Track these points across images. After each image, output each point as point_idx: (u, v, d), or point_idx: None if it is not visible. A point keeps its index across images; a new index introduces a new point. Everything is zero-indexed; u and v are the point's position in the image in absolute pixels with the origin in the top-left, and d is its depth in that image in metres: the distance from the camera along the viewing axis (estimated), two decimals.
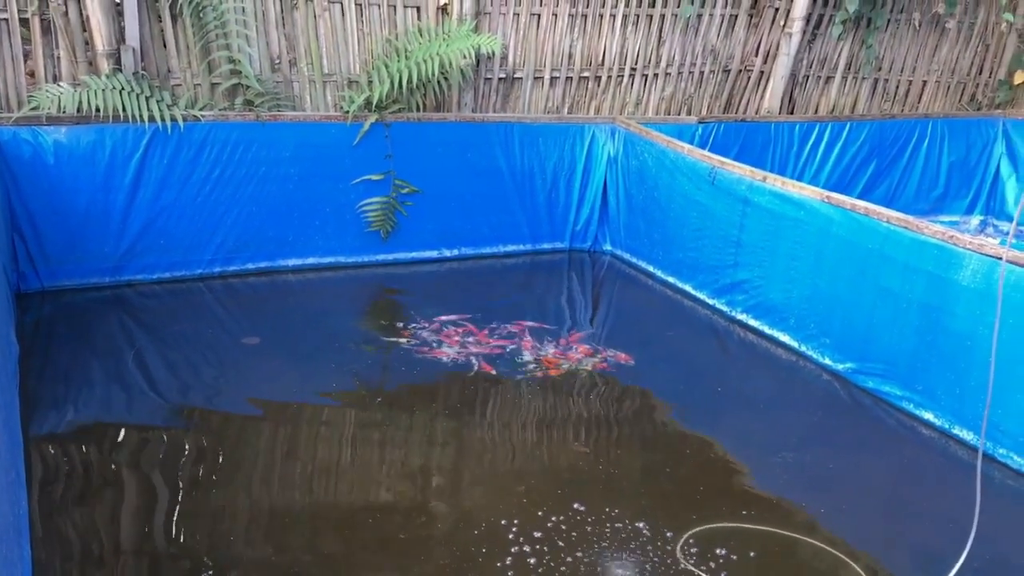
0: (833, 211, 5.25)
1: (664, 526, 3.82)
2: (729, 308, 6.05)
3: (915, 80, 8.53)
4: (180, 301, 5.90)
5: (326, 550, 3.60)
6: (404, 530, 3.73)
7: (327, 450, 4.34)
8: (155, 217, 5.91)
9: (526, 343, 5.50)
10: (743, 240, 5.87)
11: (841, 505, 4.09)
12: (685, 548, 3.69)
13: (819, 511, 4.01)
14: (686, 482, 4.21)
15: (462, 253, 6.91)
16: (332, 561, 3.54)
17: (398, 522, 3.79)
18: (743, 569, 3.59)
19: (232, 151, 6.02)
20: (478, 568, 3.51)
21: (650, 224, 6.72)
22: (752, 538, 3.78)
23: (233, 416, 4.59)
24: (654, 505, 4.00)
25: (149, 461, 4.13)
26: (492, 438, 4.54)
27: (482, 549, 3.62)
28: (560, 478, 4.16)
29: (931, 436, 4.73)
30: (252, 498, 3.91)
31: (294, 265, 6.43)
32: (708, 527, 3.84)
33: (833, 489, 4.21)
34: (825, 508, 4.04)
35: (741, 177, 5.85)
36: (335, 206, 6.43)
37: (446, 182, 6.69)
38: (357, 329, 5.69)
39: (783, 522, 3.91)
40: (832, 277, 5.30)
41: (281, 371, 5.01)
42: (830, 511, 4.03)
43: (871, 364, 5.10)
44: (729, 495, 4.13)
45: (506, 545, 3.63)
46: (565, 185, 7.09)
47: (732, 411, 4.95)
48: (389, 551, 3.60)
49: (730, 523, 3.88)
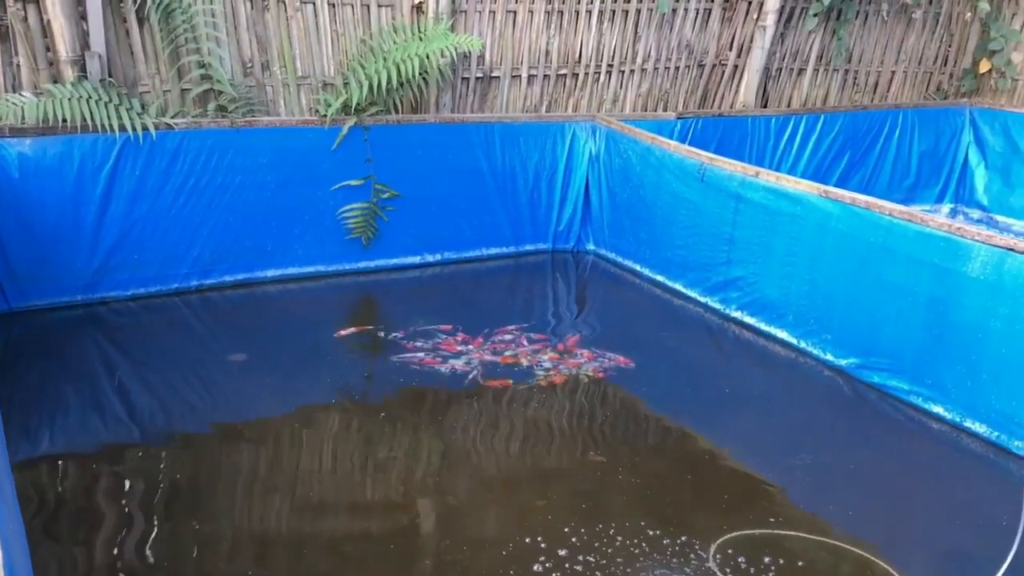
0: (832, 205, 5.19)
1: (694, 536, 3.71)
2: (723, 306, 5.97)
3: (884, 71, 8.57)
4: (157, 318, 5.64)
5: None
6: (428, 555, 3.56)
7: (330, 471, 4.15)
8: (128, 231, 5.65)
9: (523, 350, 5.35)
10: (736, 237, 5.79)
11: (869, 506, 4.01)
12: (719, 558, 3.58)
13: (847, 514, 3.94)
14: (709, 489, 4.11)
15: (445, 258, 6.74)
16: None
17: (419, 546, 3.62)
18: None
19: (207, 159, 5.77)
20: None
21: (636, 222, 6.61)
22: (787, 545, 3.69)
23: (218, 438, 4.37)
24: (680, 514, 3.88)
25: (128, 489, 3.91)
26: (502, 451, 4.39)
27: (510, 572, 3.46)
28: (581, 490, 4.03)
29: (942, 430, 4.69)
30: (243, 525, 3.72)
31: (273, 276, 6.20)
32: (739, 535, 3.74)
33: (857, 490, 4.14)
34: (853, 511, 3.96)
35: (732, 173, 5.77)
36: (314, 213, 6.21)
37: (427, 185, 6.51)
38: (346, 340, 5.49)
39: (814, 527, 3.82)
40: (832, 272, 5.24)
41: (268, 389, 4.79)
42: (860, 513, 3.95)
43: (875, 359, 5.05)
44: (755, 501, 4.03)
45: (536, 566, 3.48)
46: (547, 185, 6.96)
47: (741, 412, 4.85)
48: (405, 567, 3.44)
49: (761, 530, 3.79)
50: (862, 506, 4.01)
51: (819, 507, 3.98)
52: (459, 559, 3.53)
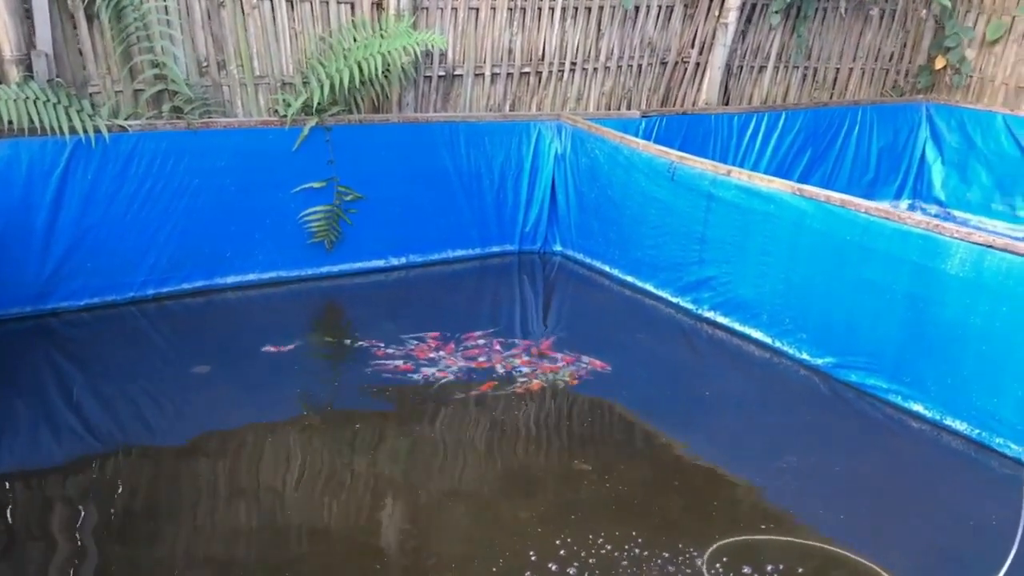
0: (806, 204, 5.14)
1: (687, 545, 3.61)
2: (695, 306, 5.90)
3: (842, 68, 8.59)
4: (112, 328, 5.40)
5: None
6: (415, 574, 3.42)
7: (302, 485, 3.98)
8: (81, 237, 5.40)
9: (496, 355, 5.22)
10: (708, 236, 5.73)
11: (859, 509, 3.95)
12: (713, 567, 3.49)
13: (838, 517, 3.88)
14: (697, 495, 4.02)
15: (410, 261, 6.58)
16: None
17: (403, 564, 3.47)
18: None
19: (162, 163, 5.54)
20: None
21: (604, 223, 6.52)
22: (781, 551, 3.61)
23: (177, 454, 4.16)
24: (671, 522, 3.79)
25: (82, 509, 3.73)
26: (484, 461, 4.26)
27: None
28: (568, 500, 3.91)
29: (922, 429, 4.66)
30: (202, 546, 3.55)
31: (234, 282, 5.98)
32: (732, 541, 3.65)
33: (845, 492, 4.08)
34: (844, 514, 3.90)
35: (703, 172, 5.70)
36: (275, 217, 6.01)
37: (391, 186, 6.35)
38: (312, 349, 5.31)
39: (806, 532, 3.75)
40: (808, 271, 5.19)
41: (230, 402, 4.60)
42: (850, 516, 3.89)
43: (853, 358, 5.01)
44: (744, 506, 3.96)
45: None
46: (513, 185, 6.83)
47: (722, 415, 4.78)
48: None
49: (753, 536, 3.71)
50: (851, 509, 3.95)
51: (809, 511, 3.92)
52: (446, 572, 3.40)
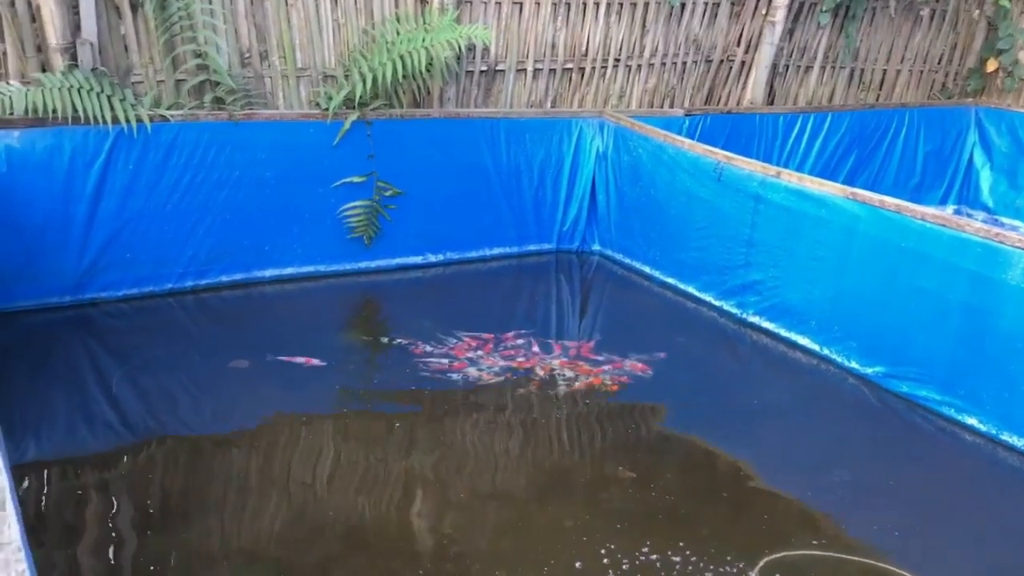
0: (859, 208, 5.01)
1: (736, 559, 3.51)
2: (740, 310, 5.78)
3: (890, 69, 8.41)
4: (150, 320, 5.37)
5: None
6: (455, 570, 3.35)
7: (339, 484, 3.90)
8: (121, 228, 5.36)
9: (535, 357, 5.13)
10: (755, 239, 5.60)
11: (913, 526, 3.84)
12: None
13: (893, 534, 3.75)
14: (746, 507, 3.91)
15: (447, 258, 6.50)
16: None
17: (446, 571, 3.39)
18: None
19: (203, 154, 5.50)
20: None
21: (646, 223, 6.40)
22: (833, 568, 3.50)
23: (214, 448, 4.14)
24: (719, 535, 3.68)
25: (118, 498, 3.73)
26: (524, 466, 4.17)
27: None
28: (614, 509, 3.82)
29: (976, 443, 4.52)
30: (237, 539, 3.52)
31: (271, 276, 5.93)
32: (783, 556, 3.54)
33: (899, 508, 3.95)
34: (899, 531, 3.78)
35: (752, 173, 5.58)
36: (314, 211, 5.95)
37: (430, 183, 6.27)
38: (352, 346, 5.25)
39: (859, 549, 3.63)
40: (859, 277, 5.06)
41: (268, 397, 4.55)
42: (903, 534, 3.77)
43: (904, 368, 4.87)
44: (795, 520, 3.84)
45: None
46: (552, 183, 6.73)
47: (769, 424, 4.66)
48: None
49: (805, 551, 3.60)
50: (905, 525, 3.83)
51: (862, 527, 3.79)
52: None
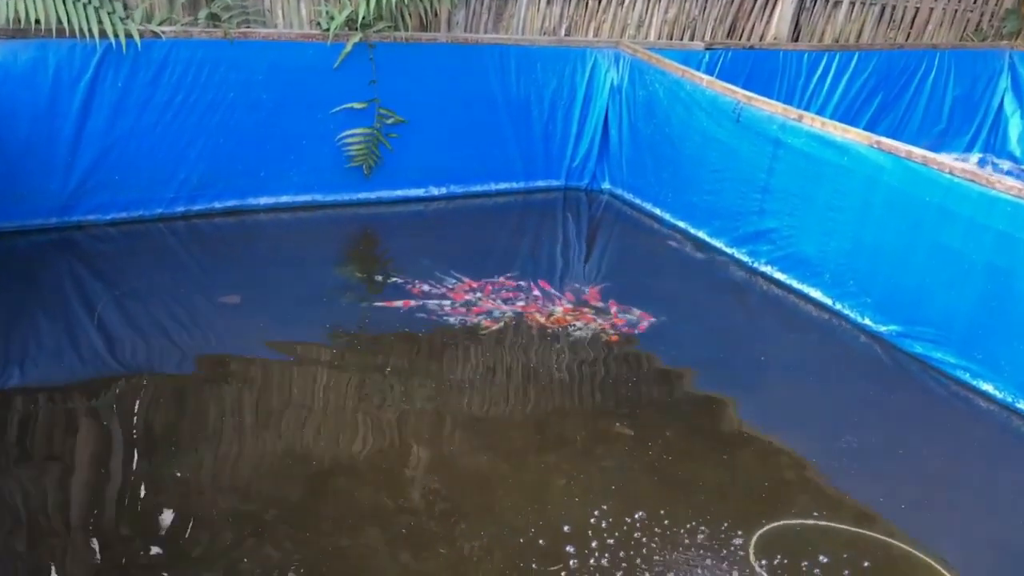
0: (884, 158, 4.74)
1: (733, 527, 3.35)
2: (751, 259, 5.55)
3: (922, 7, 8.01)
4: (139, 245, 5.18)
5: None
6: (440, 541, 3.19)
7: (323, 431, 3.74)
8: (109, 149, 5.13)
9: (536, 301, 4.93)
10: (772, 185, 5.34)
11: (923, 497, 3.67)
12: (759, 553, 3.23)
13: (899, 507, 3.58)
14: (746, 472, 3.73)
15: (450, 192, 6.26)
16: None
17: (428, 530, 3.24)
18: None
19: (196, 73, 5.23)
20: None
21: (659, 162, 6.14)
22: (834, 541, 3.33)
23: (202, 378, 4.01)
24: (717, 500, 3.51)
25: (102, 423, 3.62)
26: (516, 419, 4.00)
27: (531, 564, 3.10)
28: (608, 468, 3.65)
29: (991, 410, 4.33)
30: (227, 469, 3.39)
31: (266, 204, 5.71)
32: (781, 526, 3.39)
33: (909, 478, 3.79)
34: (906, 503, 3.61)
35: (772, 115, 5.29)
36: (312, 138, 5.70)
37: (435, 112, 5.99)
38: (344, 282, 5.04)
39: (864, 521, 3.47)
40: (879, 231, 4.81)
41: (258, 329, 4.40)
42: (913, 506, 3.60)
43: (920, 328, 4.66)
44: (798, 487, 3.67)
45: (561, 558, 3.12)
46: (563, 116, 6.45)
47: (776, 382, 4.48)
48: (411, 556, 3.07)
49: (805, 521, 3.44)
50: (913, 497, 3.67)
51: (868, 498, 3.62)
52: (475, 547, 3.16)
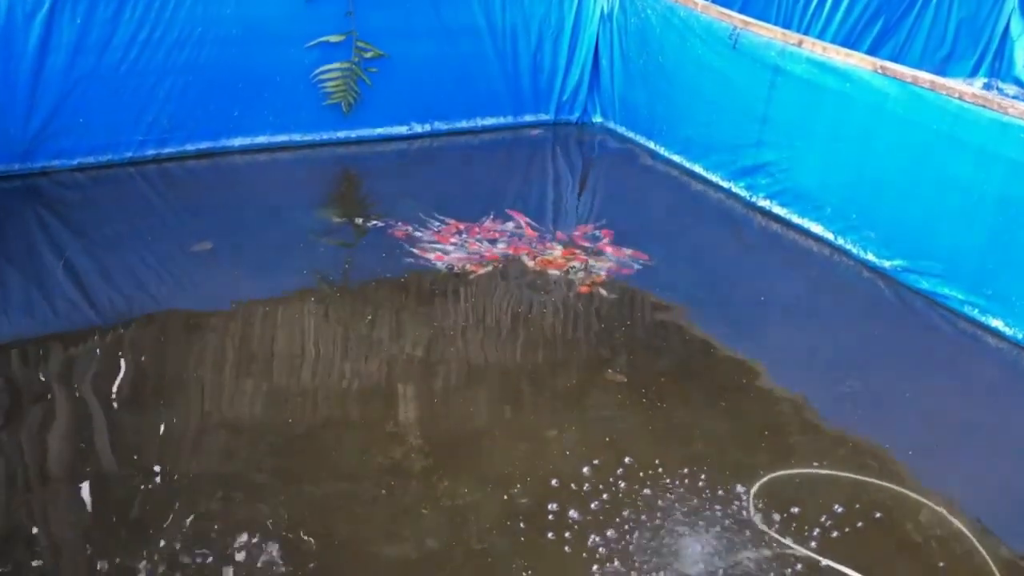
0: (889, 84, 4.48)
1: (732, 478, 3.17)
2: (749, 193, 5.32)
3: None
4: (108, 191, 4.97)
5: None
6: (422, 498, 3.02)
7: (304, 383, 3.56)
8: (71, 90, 4.88)
9: (524, 243, 4.71)
10: (770, 115, 5.10)
11: (928, 442, 3.50)
12: (759, 505, 3.06)
13: (907, 453, 3.40)
14: (744, 419, 3.55)
15: (435, 128, 6.00)
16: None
17: (410, 487, 3.07)
18: (835, 530, 2.97)
19: (161, 7, 4.97)
20: (523, 547, 2.83)
21: (652, 94, 5.87)
22: (839, 491, 3.16)
23: (181, 327, 3.82)
24: (714, 450, 3.33)
25: (80, 377, 3.47)
26: (503, 366, 3.82)
27: (519, 521, 2.93)
28: (600, 418, 3.47)
29: (1001, 347, 4.14)
30: (211, 417, 3.30)
31: (241, 145, 5.47)
32: (782, 475, 3.22)
33: (916, 422, 3.61)
34: (913, 449, 3.43)
35: (770, 40, 5.02)
36: (287, 74, 5.44)
37: (416, 44, 5.72)
38: (324, 225, 4.83)
39: (869, 469, 3.29)
40: (883, 161, 4.58)
41: (233, 276, 4.23)
42: (920, 452, 3.42)
43: (926, 262, 4.46)
44: (798, 435, 3.49)
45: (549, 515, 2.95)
46: (551, 47, 6.15)
47: (775, 323, 4.28)
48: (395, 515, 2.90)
49: (807, 469, 3.27)
50: (920, 441, 3.49)
51: (873, 443, 3.45)
52: (458, 504, 2.99)
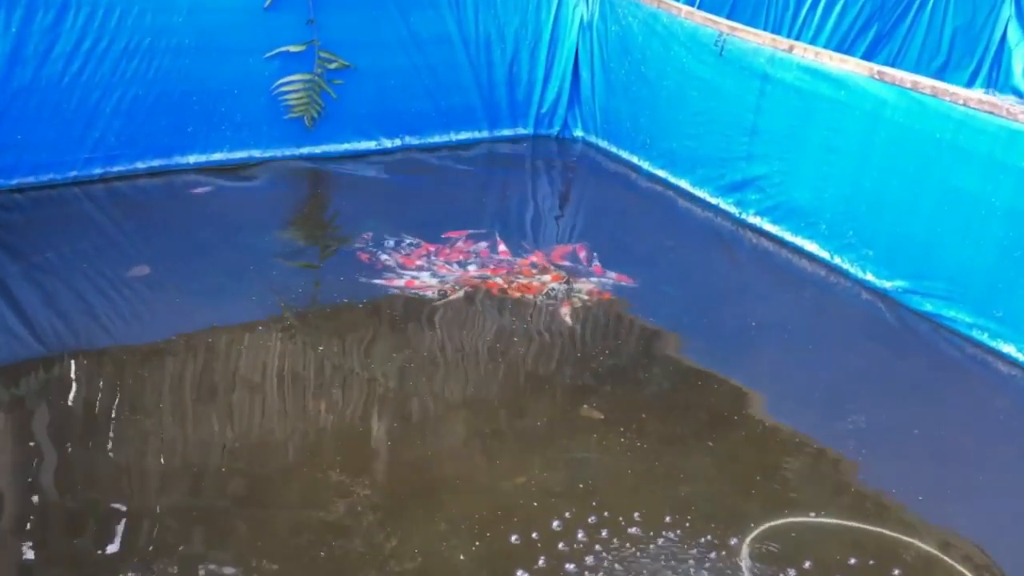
0: (887, 91, 4.17)
1: (722, 529, 2.83)
2: (738, 209, 4.99)
3: None
4: (51, 213, 4.63)
5: None
6: (368, 563, 2.66)
7: (254, 425, 3.21)
8: (8, 105, 4.55)
9: (500, 265, 4.37)
10: (760, 126, 4.78)
11: (944, 486, 3.16)
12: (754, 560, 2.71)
13: (917, 498, 3.06)
14: (736, 460, 3.20)
15: (406, 143, 5.66)
16: None
17: (353, 548, 2.71)
18: None
19: (105, 16, 4.66)
20: None
21: (635, 105, 5.55)
22: (843, 543, 2.82)
23: (132, 359, 3.48)
24: (702, 497, 2.98)
25: (23, 412, 3.18)
26: (473, 402, 3.46)
27: None
28: (574, 461, 3.12)
29: (1013, 374, 3.81)
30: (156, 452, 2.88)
31: (196, 163, 5.12)
32: (780, 525, 2.87)
33: (926, 462, 3.27)
34: (924, 493, 3.09)
35: (759, 47, 4.71)
36: (244, 87, 5.11)
37: (384, 54, 5.41)
38: (283, 248, 4.47)
39: (878, 517, 2.95)
40: (882, 174, 4.26)
41: (188, 304, 3.89)
42: (932, 496, 3.08)
43: (930, 283, 4.13)
44: (797, 478, 3.15)
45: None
46: (529, 57, 5.84)
47: (767, 349, 3.94)
48: None
49: (807, 517, 2.92)
50: (935, 486, 3.16)
51: (879, 487, 3.10)
52: (406, 569, 2.63)
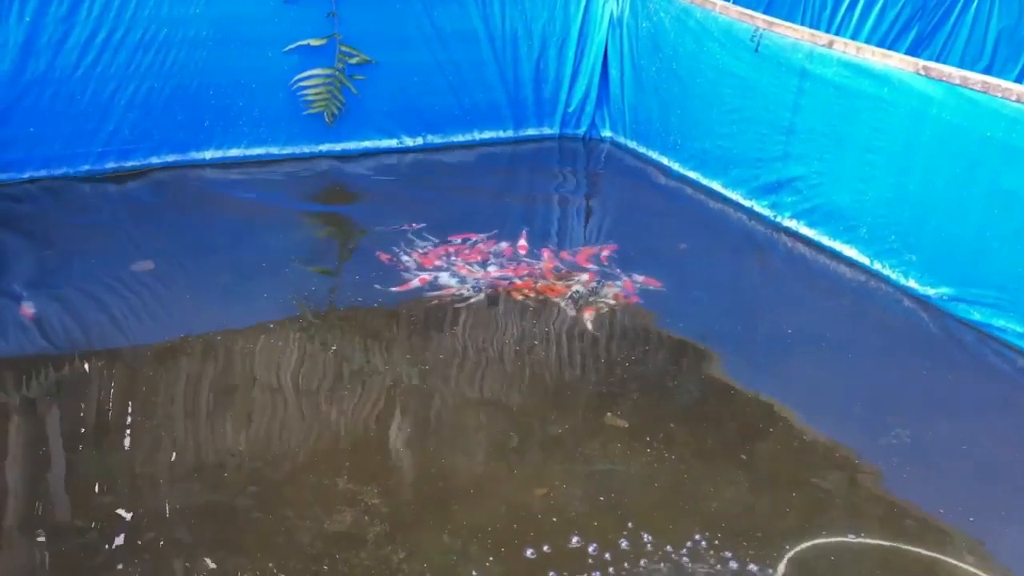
0: (934, 87, 3.95)
1: (755, 548, 2.62)
2: (773, 212, 4.78)
3: None
4: (62, 207, 4.55)
5: None
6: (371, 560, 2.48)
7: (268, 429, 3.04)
8: (20, 96, 4.47)
9: (524, 267, 4.20)
10: (797, 125, 4.57)
11: (997, 509, 2.92)
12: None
13: (968, 520, 2.84)
14: (771, 476, 2.99)
15: (427, 142, 5.51)
16: None
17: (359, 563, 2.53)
18: None
19: (123, 5, 4.59)
20: None
21: (666, 104, 5.35)
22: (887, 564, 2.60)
23: (147, 359, 3.38)
24: (734, 514, 2.78)
25: (34, 411, 3.09)
26: (493, 410, 3.28)
27: None
28: (596, 473, 2.92)
29: None
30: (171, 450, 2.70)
31: (212, 158, 5.02)
32: (818, 545, 2.66)
33: (974, 481, 3.04)
34: (974, 514, 2.86)
35: (797, 42, 4.51)
36: (263, 81, 5.00)
37: (407, 50, 5.27)
38: (299, 247, 4.32)
39: (923, 538, 2.73)
40: (927, 175, 4.04)
41: (202, 303, 3.77)
42: (982, 517, 2.85)
43: (978, 291, 3.89)
44: (837, 497, 2.92)
45: None
46: (556, 55, 5.66)
47: (803, 359, 3.72)
48: None
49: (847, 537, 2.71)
50: (984, 506, 2.92)
51: (926, 507, 2.88)
52: None
